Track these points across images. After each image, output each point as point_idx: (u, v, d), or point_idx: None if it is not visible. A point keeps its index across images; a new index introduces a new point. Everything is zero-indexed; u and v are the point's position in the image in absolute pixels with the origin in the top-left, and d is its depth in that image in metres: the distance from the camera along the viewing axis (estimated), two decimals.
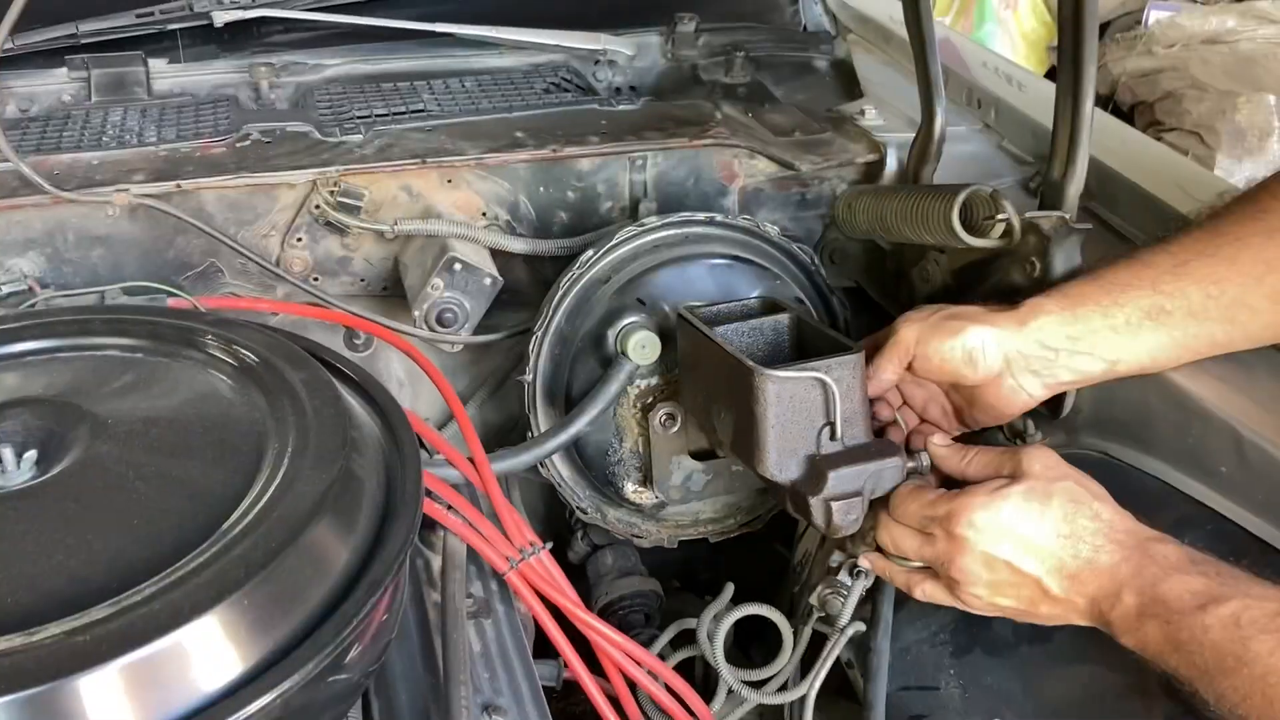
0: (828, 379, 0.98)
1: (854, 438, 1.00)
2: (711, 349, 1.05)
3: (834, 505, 0.98)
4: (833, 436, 0.99)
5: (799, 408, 0.99)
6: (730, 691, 1.17)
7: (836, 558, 1.13)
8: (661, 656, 1.22)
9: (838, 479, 0.98)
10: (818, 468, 0.99)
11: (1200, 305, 0.98)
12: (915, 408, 1.15)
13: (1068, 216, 1.12)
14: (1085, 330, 1.01)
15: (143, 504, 0.76)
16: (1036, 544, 0.92)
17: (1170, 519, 1.05)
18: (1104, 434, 1.15)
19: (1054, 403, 1.12)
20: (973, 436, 1.17)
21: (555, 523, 1.54)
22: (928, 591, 1.02)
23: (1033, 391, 1.06)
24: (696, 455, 1.24)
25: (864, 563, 1.08)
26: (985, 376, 1.05)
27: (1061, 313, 1.02)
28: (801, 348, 1.11)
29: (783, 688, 1.17)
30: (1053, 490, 0.93)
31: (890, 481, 1.01)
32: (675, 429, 1.22)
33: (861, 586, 1.10)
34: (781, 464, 1.00)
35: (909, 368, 1.07)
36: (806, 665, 1.16)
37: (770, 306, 1.14)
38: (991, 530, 0.93)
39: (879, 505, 1.04)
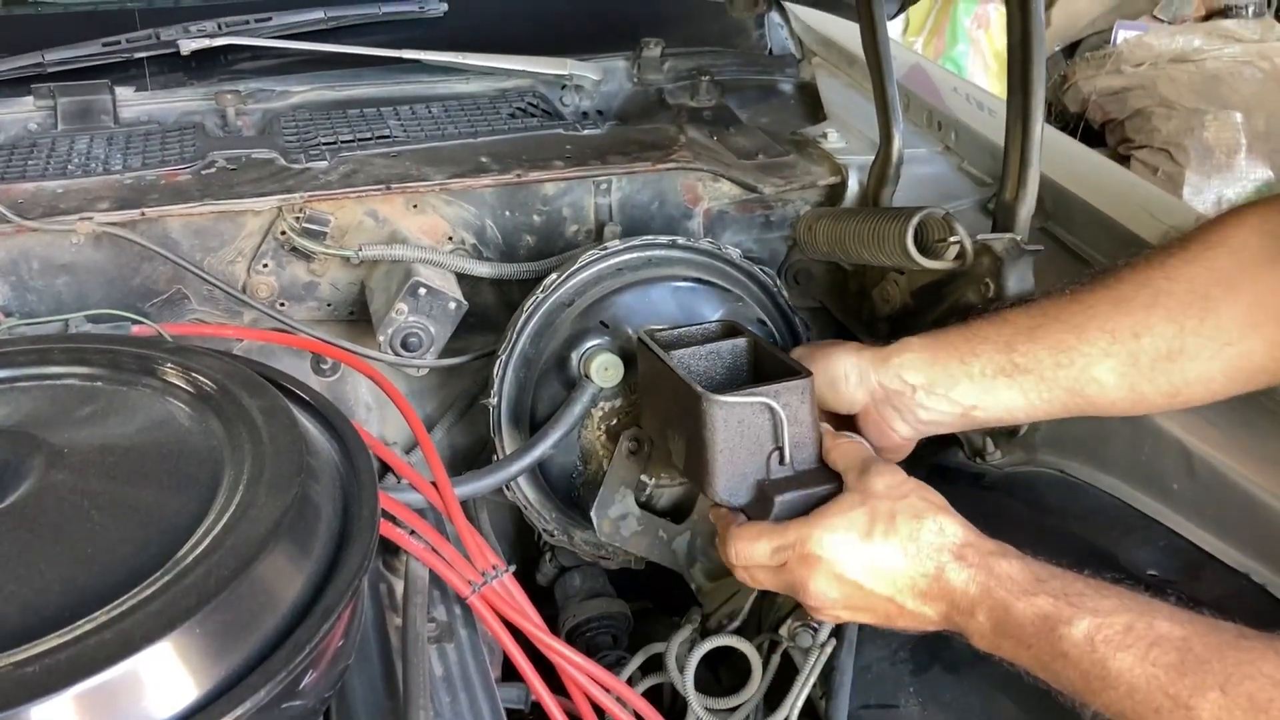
0: (775, 404, 0.98)
1: (804, 462, 1.01)
2: (667, 373, 1.05)
3: None
4: (781, 461, 0.99)
5: (747, 433, 0.99)
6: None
7: None
8: (631, 682, 1.22)
9: (783, 505, 0.98)
10: (765, 493, 0.99)
11: (1051, 373, 1.00)
12: None
13: (1019, 238, 1.13)
14: (943, 375, 1.04)
15: (97, 533, 0.76)
16: (884, 564, 0.92)
17: (1125, 534, 1.07)
18: (1061, 451, 1.17)
19: None
20: (928, 455, 1.18)
21: (524, 545, 1.54)
22: None
23: (900, 431, 1.09)
24: (643, 505, 1.22)
25: None
26: (850, 405, 1.09)
27: (923, 353, 1.06)
28: (759, 371, 1.11)
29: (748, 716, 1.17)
30: (896, 509, 0.93)
31: None
32: (639, 455, 1.22)
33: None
34: (730, 489, 1.00)
35: None
36: (771, 689, 1.16)
37: (730, 330, 1.15)
38: (839, 551, 0.93)
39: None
